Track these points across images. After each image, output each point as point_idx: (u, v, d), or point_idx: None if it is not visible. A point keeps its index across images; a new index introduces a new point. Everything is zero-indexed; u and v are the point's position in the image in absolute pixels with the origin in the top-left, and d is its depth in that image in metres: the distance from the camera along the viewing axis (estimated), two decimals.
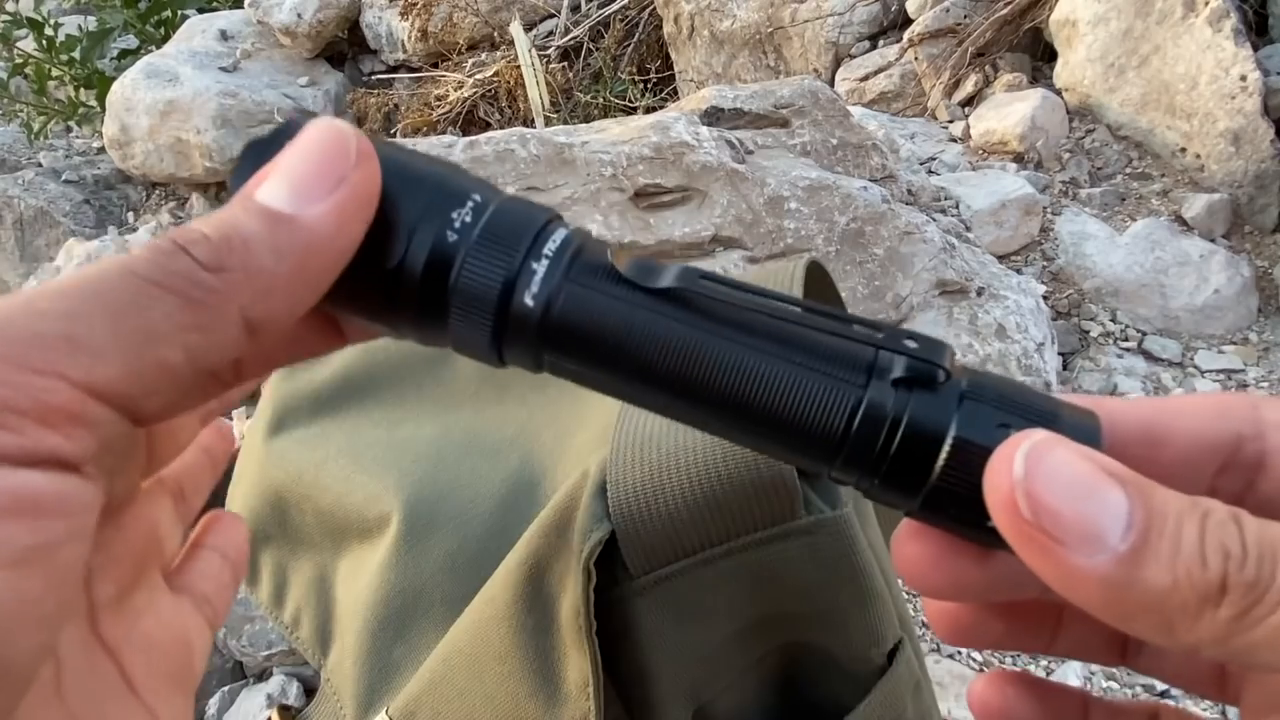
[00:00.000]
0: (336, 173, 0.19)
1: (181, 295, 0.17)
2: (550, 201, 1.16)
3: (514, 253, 0.19)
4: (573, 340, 0.19)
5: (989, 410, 0.18)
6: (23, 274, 2.47)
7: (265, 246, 0.18)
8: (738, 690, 0.35)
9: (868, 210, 1.24)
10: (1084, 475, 0.17)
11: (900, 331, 0.19)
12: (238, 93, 2.48)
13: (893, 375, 0.18)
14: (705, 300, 0.19)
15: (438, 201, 0.19)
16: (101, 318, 0.16)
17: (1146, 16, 1.63)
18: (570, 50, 2.47)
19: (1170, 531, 0.17)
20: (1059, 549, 0.17)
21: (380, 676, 0.39)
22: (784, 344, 0.19)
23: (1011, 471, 0.17)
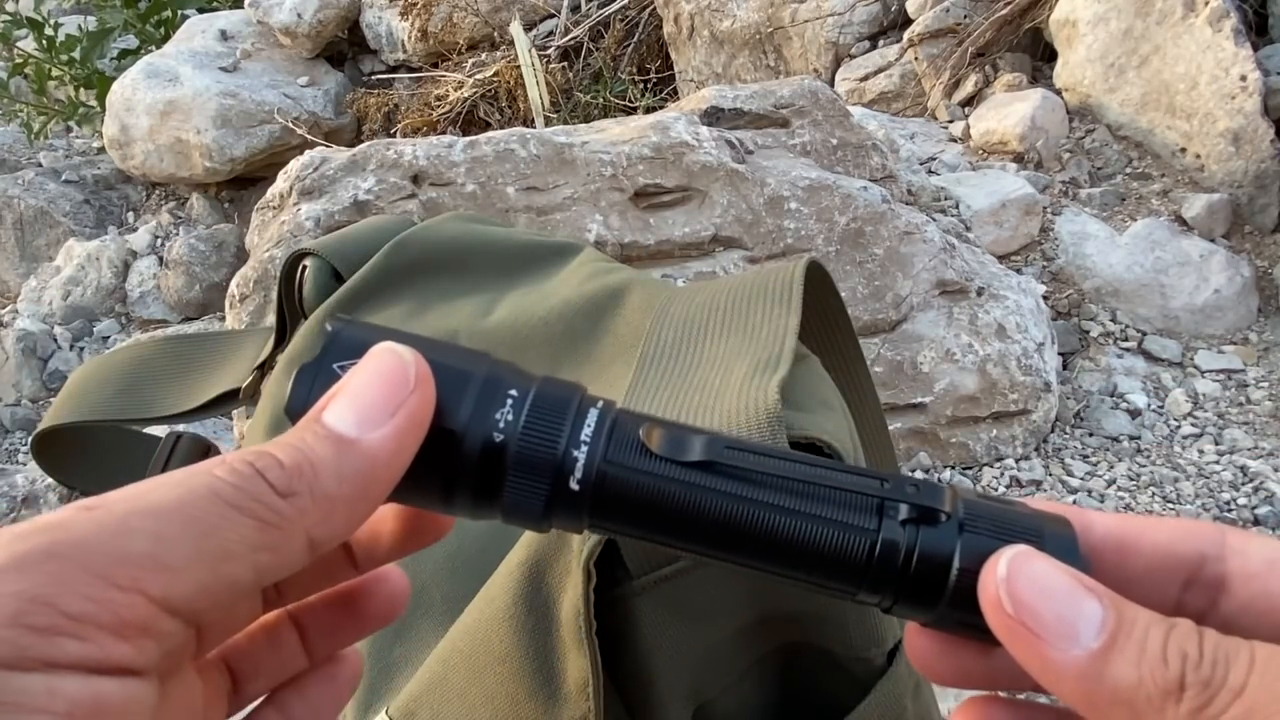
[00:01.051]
0: (397, 398, 0.21)
1: (257, 519, 0.19)
2: (550, 201, 1.16)
3: (556, 445, 0.22)
4: (614, 513, 0.22)
5: (986, 538, 0.21)
6: (23, 274, 2.47)
7: (331, 471, 0.20)
8: (738, 690, 0.35)
9: (868, 210, 1.24)
10: (1061, 582, 0.20)
11: (903, 479, 0.22)
12: (238, 93, 2.48)
13: (900, 517, 0.22)
14: (731, 469, 0.22)
15: (482, 405, 0.22)
16: (185, 538, 0.18)
17: (1146, 16, 1.63)
18: (570, 50, 2.47)
19: (1138, 635, 0.19)
20: (1039, 642, 0.19)
21: (380, 676, 0.39)
22: (805, 499, 0.22)
23: (996, 574, 0.20)
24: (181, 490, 0.18)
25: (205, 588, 0.18)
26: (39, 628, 0.16)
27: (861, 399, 0.48)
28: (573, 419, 0.22)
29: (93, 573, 0.16)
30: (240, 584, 0.18)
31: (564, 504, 0.22)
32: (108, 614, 0.16)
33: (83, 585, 0.16)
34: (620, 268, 0.51)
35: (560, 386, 0.23)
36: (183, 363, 0.62)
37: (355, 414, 0.20)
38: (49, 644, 0.16)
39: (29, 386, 2.09)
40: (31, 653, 0.16)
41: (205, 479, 0.19)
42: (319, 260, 0.54)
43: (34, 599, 0.16)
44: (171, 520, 0.18)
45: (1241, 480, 1.22)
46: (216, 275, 2.29)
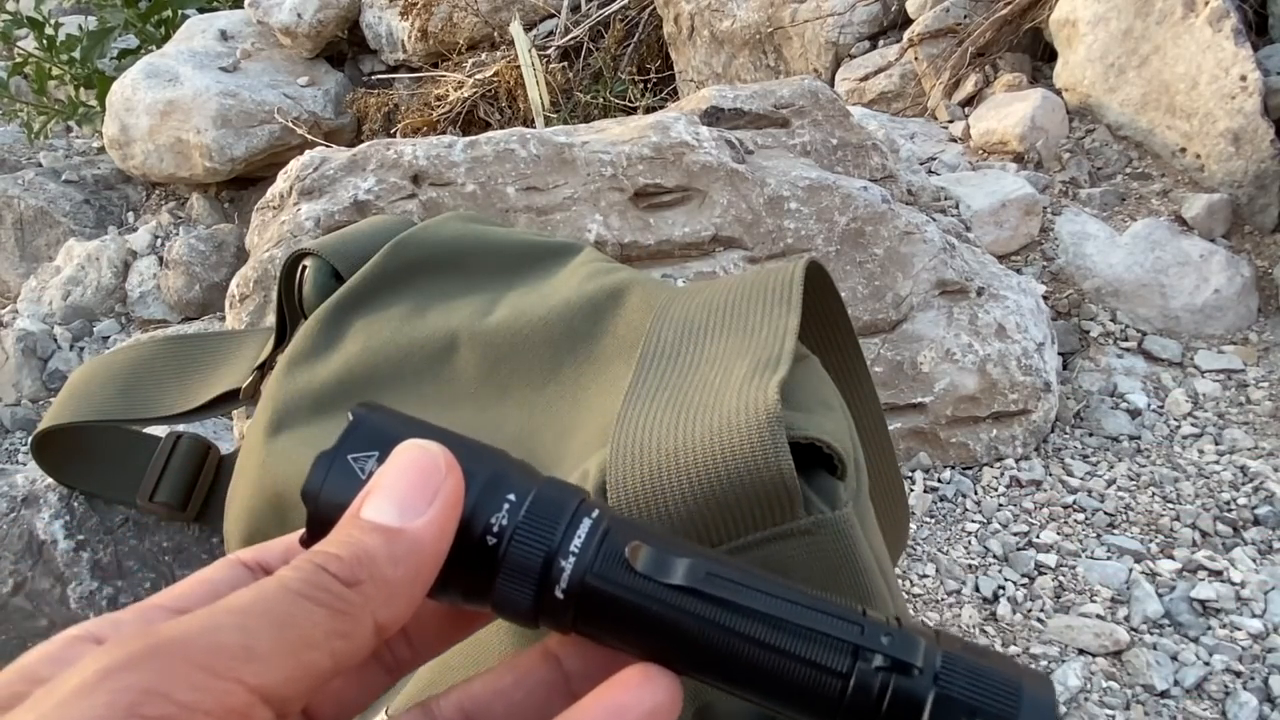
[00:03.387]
0: (432, 486, 0.22)
1: (329, 608, 0.20)
2: (550, 201, 1.16)
3: (545, 552, 0.23)
4: (597, 623, 0.23)
5: (959, 696, 0.22)
6: (22, 274, 2.47)
7: (385, 558, 0.21)
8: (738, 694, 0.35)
9: (868, 210, 1.25)
10: None
11: (880, 626, 0.23)
12: (238, 93, 2.48)
13: (874, 665, 0.22)
14: (710, 596, 0.23)
15: (481, 506, 0.23)
16: (268, 630, 0.19)
17: (1146, 16, 1.63)
18: (570, 50, 2.47)
19: None
20: None
21: None
22: (781, 634, 0.22)
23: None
24: (255, 591, 0.20)
25: (291, 676, 0.19)
26: (154, 717, 0.17)
27: (861, 399, 0.48)
28: (565, 527, 0.23)
29: (195, 665, 0.18)
30: (320, 671, 0.20)
31: (550, 609, 0.23)
32: (213, 701, 0.18)
33: (188, 676, 0.18)
34: (620, 268, 0.51)
35: (560, 492, 0.24)
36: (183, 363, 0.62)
37: (395, 506, 0.22)
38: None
39: (29, 386, 2.09)
40: None
41: (274, 580, 0.20)
42: (319, 260, 0.54)
43: (147, 690, 0.18)
44: (254, 614, 0.19)
45: (1241, 480, 1.22)
46: (216, 275, 2.29)
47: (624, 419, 0.35)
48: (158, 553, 0.72)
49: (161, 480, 0.66)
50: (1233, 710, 0.85)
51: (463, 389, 0.46)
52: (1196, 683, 0.88)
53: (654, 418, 0.34)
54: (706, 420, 0.33)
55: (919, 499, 1.18)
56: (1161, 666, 0.90)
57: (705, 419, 0.33)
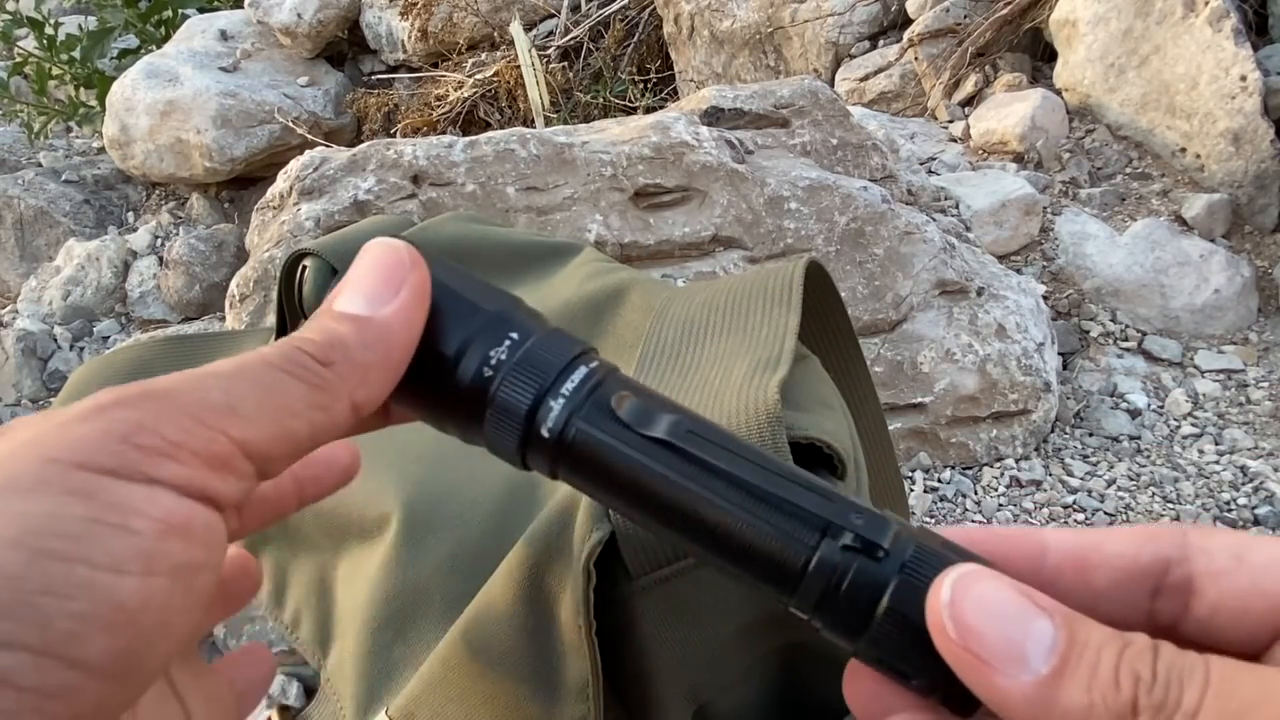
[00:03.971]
0: (398, 278, 0.24)
1: (308, 382, 0.22)
2: (550, 201, 1.16)
3: (534, 393, 0.23)
4: (578, 467, 0.23)
5: (923, 583, 0.21)
6: (22, 274, 2.47)
7: (357, 343, 0.23)
8: (738, 690, 0.35)
9: (868, 210, 1.24)
10: (1010, 602, 0.19)
11: (854, 506, 0.22)
12: (238, 93, 2.48)
13: (842, 542, 0.21)
14: (687, 453, 0.22)
15: (481, 340, 0.24)
16: (253, 394, 0.21)
17: (1146, 16, 1.63)
18: (570, 50, 2.47)
19: (1089, 657, 0.18)
20: (985, 669, 0.19)
21: (380, 677, 0.39)
22: (752, 500, 0.22)
23: (940, 597, 0.20)
24: (239, 362, 0.21)
25: (273, 436, 0.21)
26: (145, 446, 0.18)
27: (861, 399, 0.48)
28: (559, 371, 0.23)
29: (184, 412, 0.19)
30: (300, 439, 0.21)
31: (536, 449, 0.23)
32: (199, 442, 0.19)
33: (178, 419, 0.19)
34: (620, 268, 0.51)
35: (564, 341, 0.24)
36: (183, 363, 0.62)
37: (364, 297, 0.23)
38: (153, 462, 0.18)
39: (29, 386, 2.09)
40: (138, 467, 0.18)
41: (255, 356, 0.22)
42: (319, 260, 0.54)
43: (139, 424, 0.19)
44: (239, 379, 0.21)
45: (1241, 480, 1.22)
46: (216, 275, 2.29)
47: None
48: None
49: None
50: None
51: None
52: None
53: None
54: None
55: (919, 499, 1.18)
56: None
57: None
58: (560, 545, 0.33)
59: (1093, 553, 0.22)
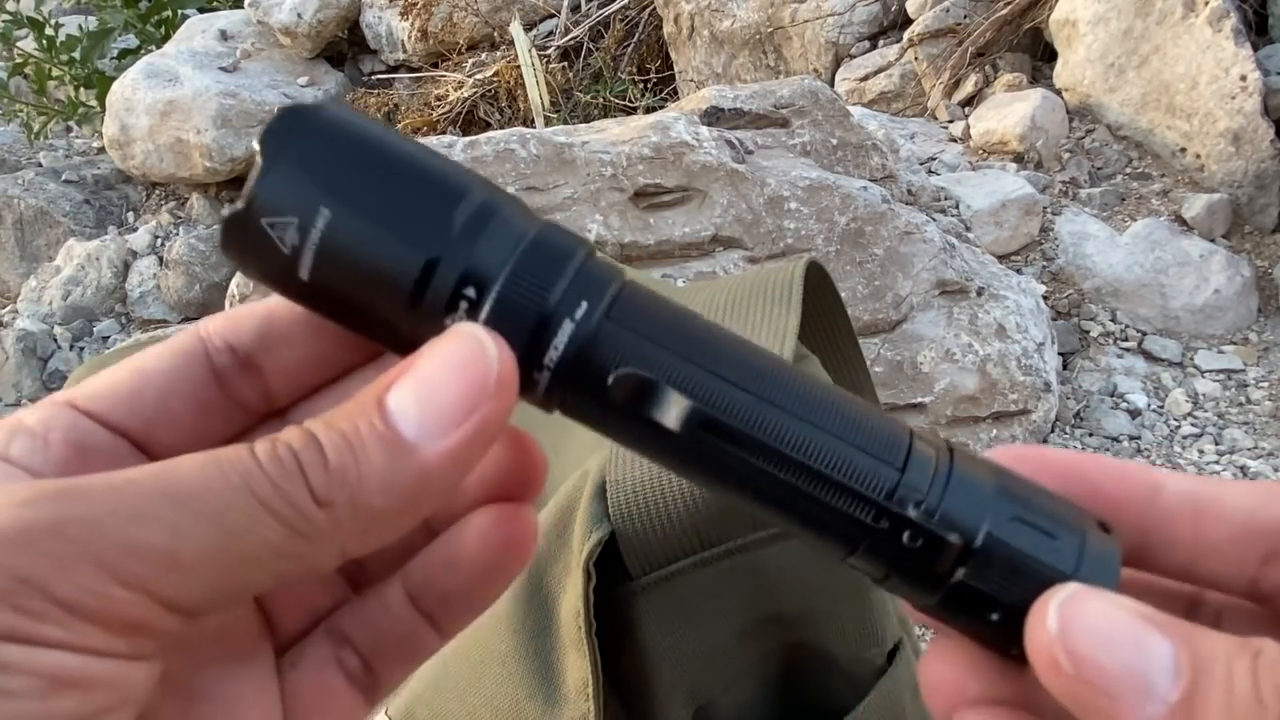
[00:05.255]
0: (472, 404, 0.17)
1: (287, 526, 0.16)
2: (550, 201, 1.16)
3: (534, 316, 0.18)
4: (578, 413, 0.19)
5: (1020, 527, 0.18)
6: (22, 274, 2.47)
7: (378, 482, 0.17)
8: (738, 690, 0.35)
9: (868, 210, 1.24)
10: (1123, 626, 0.17)
11: (913, 451, 0.19)
12: (238, 93, 2.48)
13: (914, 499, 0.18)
14: (723, 445, 0.18)
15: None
16: (205, 536, 0.16)
17: (1146, 16, 1.63)
18: (570, 50, 2.47)
19: (1221, 675, 0.16)
20: (1109, 703, 0.17)
21: None
22: (830, 418, 0.19)
23: (1047, 627, 0.17)
24: (212, 473, 0.16)
25: (217, 589, 0.16)
26: (26, 609, 0.15)
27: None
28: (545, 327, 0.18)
29: (97, 563, 0.15)
30: (255, 588, 0.17)
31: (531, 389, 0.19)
32: (102, 609, 0.15)
33: (83, 575, 0.15)
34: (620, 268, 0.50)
35: (562, 236, 0.19)
36: None
37: (421, 413, 0.17)
38: (33, 626, 0.15)
39: (29, 386, 2.09)
40: (16, 630, 0.15)
41: (241, 464, 0.16)
42: None
43: (26, 579, 0.15)
44: (195, 512, 0.16)
45: (1242, 480, 1.22)
46: (216, 275, 2.29)
47: None
48: None
49: None
50: None
51: None
52: None
53: None
54: None
55: None
56: None
57: None
58: (560, 546, 0.33)
59: (1211, 504, 0.20)
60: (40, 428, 0.18)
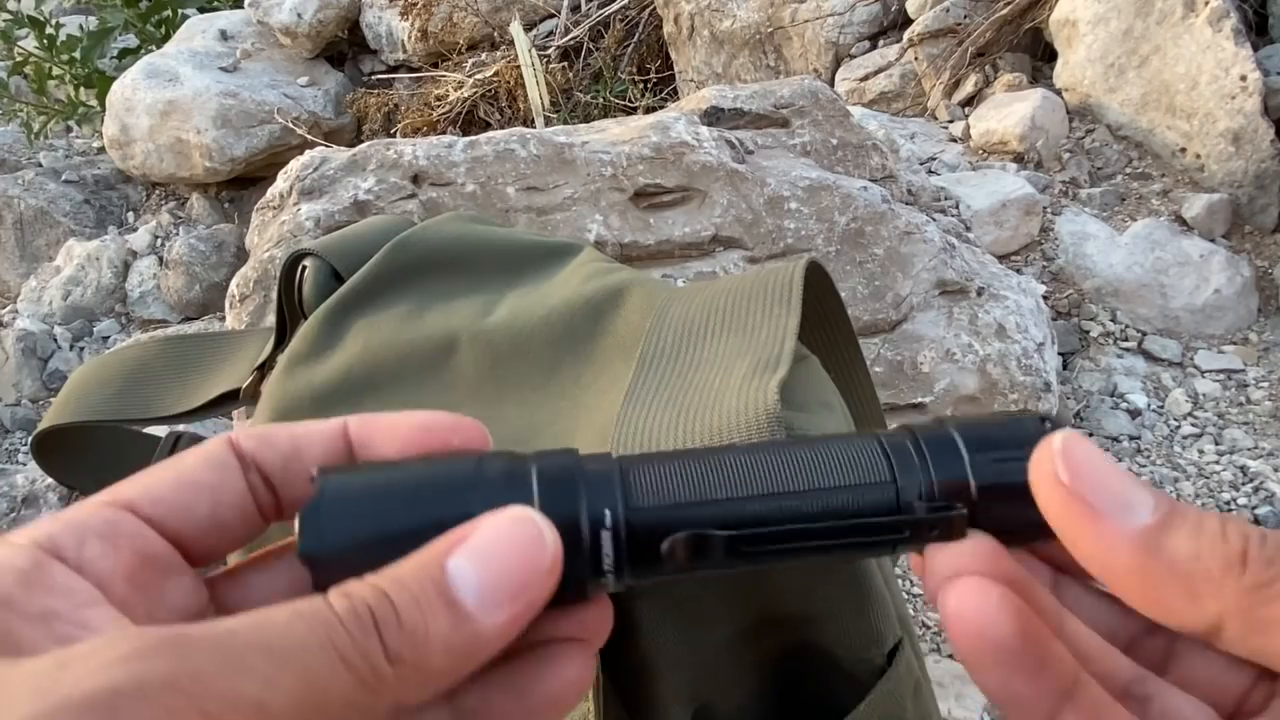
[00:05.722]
0: (527, 582, 0.20)
1: (359, 679, 0.18)
2: (550, 201, 1.16)
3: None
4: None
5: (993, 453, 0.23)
6: (22, 274, 2.47)
7: (441, 645, 0.19)
8: (738, 690, 0.35)
9: (868, 210, 1.24)
10: (1114, 467, 0.20)
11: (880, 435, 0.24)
12: (238, 93, 2.48)
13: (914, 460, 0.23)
14: (755, 552, 0.22)
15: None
16: (293, 689, 0.17)
17: (1146, 16, 1.63)
18: (570, 50, 2.47)
19: (1193, 517, 0.19)
20: (1095, 515, 0.19)
21: None
22: (825, 477, 0.23)
23: (1051, 448, 0.20)
24: (299, 627, 0.18)
25: None
26: None
27: (861, 399, 0.48)
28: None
29: (203, 715, 0.16)
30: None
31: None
32: None
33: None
34: (620, 268, 0.51)
35: (557, 462, 0.23)
36: (183, 363, 0.62)
37: (481, 587, 0.19)
38: None
39: (29, 386, 2.09)
40: None
41: (323, 618, 0.18)
42: (318, 260, 0.54)
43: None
44: (284, 664, 0.17)
45: (1241, 480, 1.22)
46: (216, 275, 2.29)
47: (624, 419, 0.35)
48: None
49: None
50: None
51: (462, 389, 0.46)
52: None
53: (654, 418, 0.34)
54: (706, 420, 0.33)
55: None
56: None
57: (705, 419, 0.33)
58: None
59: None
60: (109, 532, 0.20)
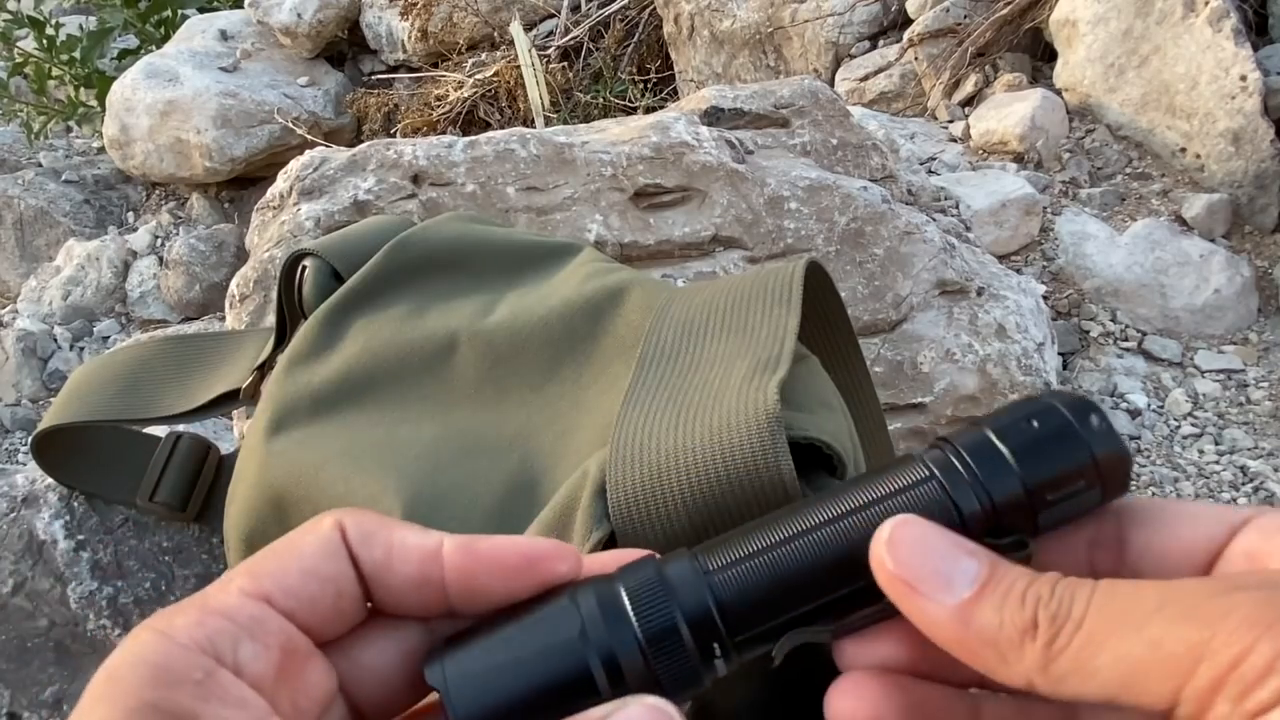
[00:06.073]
0: None
1: None
2: (550, 201, 1.16)
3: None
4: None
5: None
6: (22, 274, 2.47)
7: None
8: (737, 689, 0.35)
9: (868, 210, 1.24)
10: (942, 542, 0.22)
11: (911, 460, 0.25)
12: (238, 93, 2.48)
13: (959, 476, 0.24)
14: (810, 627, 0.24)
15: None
16: None
17: (1146, 16, 1.63)
18: (570, 50, 2.47)
19: (1004, 586, 0.22)
20: (916, 594, 0.22)
21: None
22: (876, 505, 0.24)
23: (879, 538, 0.23)
24: None
25: None
26: None
27: (861, 399, 0.48)
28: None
29: None
30: None
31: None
32: None
33: None
34: (620, 268, 0.51)
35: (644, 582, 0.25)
36: (183, 363, 0.62)
37: None
38: None
39: (29, 386, 2.09)
40: None
41: None
42: (318, 260, 0.54)
43: None
44: None
45: (1241, 480, 1.22)
46: (216, 275, 2.29)
47: (624, 419, 0.35)
48: (158, 553, 0.72)
49: (161, 480, 0.66)
50: None
51: (462, 389, 0.46)
52: None
53: (654, 418, 0.34)
54: (706, 421, 0.33)
55: None
56: None
57: (705, 419, 0.33)
58: None
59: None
60: (258, 630, 0.22)
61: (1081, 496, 0.23)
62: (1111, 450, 0.23)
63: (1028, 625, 0.21)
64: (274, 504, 0.45)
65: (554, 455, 0.41)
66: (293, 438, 0.46)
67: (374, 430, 0.45)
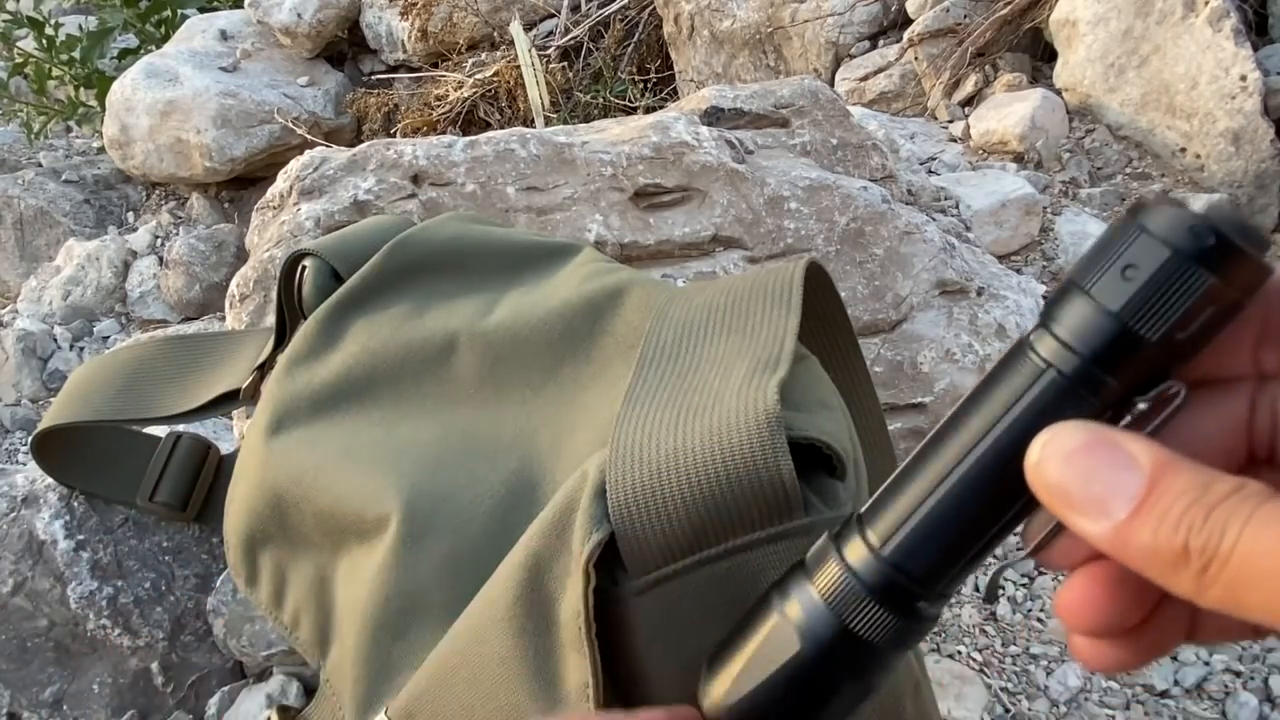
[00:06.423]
0: None
1: None
2: (550, 201, 1.16)
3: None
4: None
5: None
6: (22, 274, 2.47)
7: None
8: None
9: (868, 210, 1.24)
10: (1089, 460, 0.22)
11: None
12: (238, 93, 2.48)
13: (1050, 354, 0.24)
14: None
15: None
16: None
17: (1146, 16, 1.63)
18: (570, 50, 2.47)
19: (1163, 505, 0.21)
20: (1074, 515, 0.22)
21: (379, 677, 0.39)
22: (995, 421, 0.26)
23: (1029, 459, 0.23)
24: None
25: None
26: None
27: (861, 399, 0.48)
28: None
29: None
30: None
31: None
32: None
33: None
34: (620, 268, 0.51)
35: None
36: (183, 363, 0.62)
37: None
38: None
39: (29, 386, 2.09)
40: None
41: None
42: (318, 260, 0.54)
43: None
44: None
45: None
46: (216, 275, 2.29)
47: (624, 419, 0.35)
48: (158, 553, 0.72)
49: (161, 480, 0.66)
50: (1233, 710, 0.85)
51: (462, 389, 0.46)
52: (1197, 683, 0.88)
53: (654, 418, 0.34)
54: (706, 421, 0.33)
55: None
56: (1161, 666, 0.90)
57: (705, 420, 0.33)
58: (560, 546, 0.33)
59: None
60: None
61: (1216, 314, 0.21)
62: (1231, 259, 0.21)
63: (1179, 552, 0.21)
64: (273, 503, 0.45)
65: (554, 456, 0.41)
66: (293, 437, 0.46)
67: (374, 430, 0.45)
